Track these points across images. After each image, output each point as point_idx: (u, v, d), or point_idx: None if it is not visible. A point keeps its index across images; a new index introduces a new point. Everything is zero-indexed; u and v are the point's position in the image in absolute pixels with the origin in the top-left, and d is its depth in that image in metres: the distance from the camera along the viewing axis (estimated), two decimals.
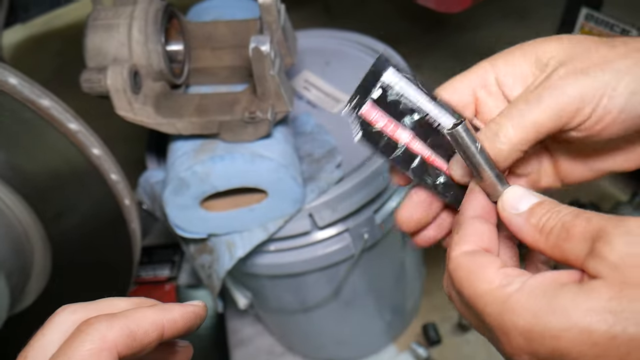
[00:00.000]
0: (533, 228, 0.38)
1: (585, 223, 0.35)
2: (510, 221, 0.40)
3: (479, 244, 0.40)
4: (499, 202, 0.41)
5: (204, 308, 0.46)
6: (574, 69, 0.40)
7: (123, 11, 0.81)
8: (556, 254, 0.37)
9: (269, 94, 0.81)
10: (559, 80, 0.40)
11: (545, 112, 0.40)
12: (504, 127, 0.41)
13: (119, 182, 0.81)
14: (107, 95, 0.79)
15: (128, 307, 0.44)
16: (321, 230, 0.96)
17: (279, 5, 0.85)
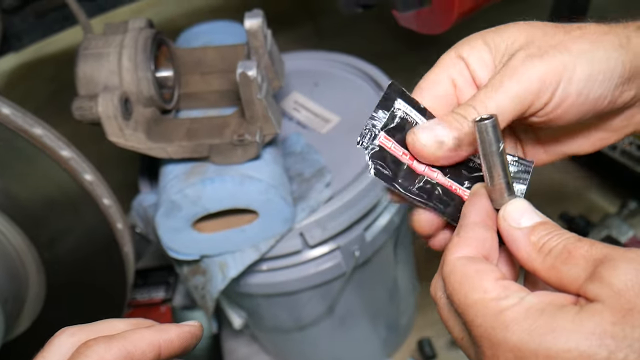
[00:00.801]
0: (532, 245, 0.37)
1: (589, 247, 0.34)
2: (508, 233, 0.39)
3: (479, 251, 0.39)
4: (501, 211, 0.40)
5: (200, 328, 0.47)
6: (532, 53, 0.40)
7: (113, 40, 0.83)
8: (551, 276, 0.36)
9: (257, 117, 0.83)
10: (519, 65, 0.40)
11: (508, 96, 0.40)
12: (469, 113, 0.41)
13: (111, 206, 0.82)
14: (98, 122, 0.80)
15: (126, 328, 0.45)
16: (312, 249, 0.97)
17: (265, 30, 0.87)
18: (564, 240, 0.36)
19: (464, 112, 0.41)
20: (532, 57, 0.40)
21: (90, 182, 0.80)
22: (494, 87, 0.40)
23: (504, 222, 0.39)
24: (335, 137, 1.05)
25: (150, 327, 0.45)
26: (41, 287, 0.85)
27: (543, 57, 0.40)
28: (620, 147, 1.29)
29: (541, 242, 0.37)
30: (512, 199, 0.40)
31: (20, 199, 0.81)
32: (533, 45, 0.41)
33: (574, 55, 0.40)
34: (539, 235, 0.37)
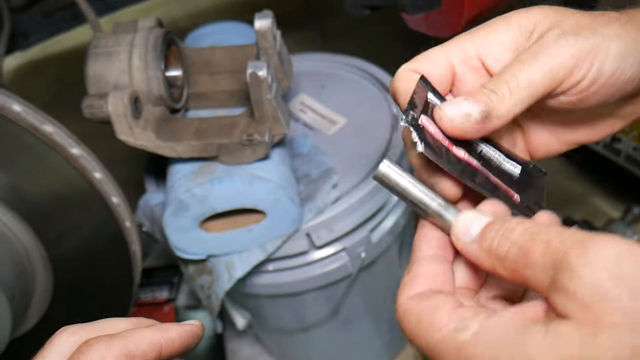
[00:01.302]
0: (487, 253, 0.35)
1: (544, 248, 0.31)
2: (465, 251, 0.37)
3: (431, 286, 0.37)
4: (451, 232, 0.38)
5: (201, 327, 0.48)
6: (565, 31, 0.40)
7: (123, 39, 0.84)
8: (517, 280, 0.33)
9: (267, 117, 0.83)
10: (552, 42, 0.39)
11: (541, 70, 0.39)
12: (499, 86, 0.39)
13: (120, 204, 0.83)
14: (108, 120, 0.81)
15: (127, 328, 0.45)
16: (318, 250, 0.97)
17: (275, 31, 0.88)
18: (516, 239, 0.33)
19: (493, 86, 0.40)
20: (567, 35, 0.39)
21: (100, 180, 0.80)
22: (526, 62, 0.39)
23: (458, 242, 0.38)
24: (342, 139, 1.05)
25: (152, 326, 0.45)
26: (48, 284, 0.85)
27: (576, 35, 0.39)
28: (624, 153, 1.29)
29: (493, 246, 0.34)
30: (457, 216, 0.39)
31: (29, 195, 0.81)
32: (564, 25, 0.40)
33: (606, 37, 0.39)
34: (489, 240, 0.35)
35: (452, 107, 0.40)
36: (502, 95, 0.39)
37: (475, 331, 0.32)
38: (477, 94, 0.40)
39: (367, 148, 1.02)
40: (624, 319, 0.28)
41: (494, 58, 0.42)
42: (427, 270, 0.38)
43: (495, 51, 0.42)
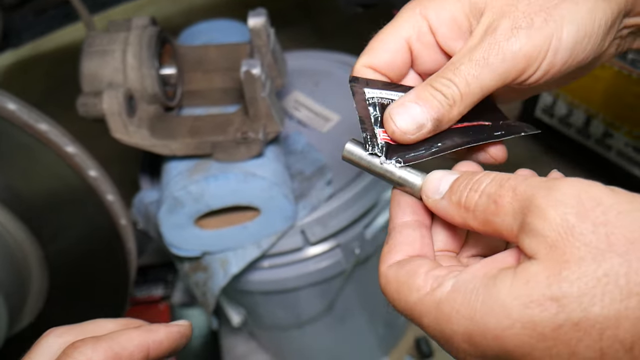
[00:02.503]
0: (456, 207, 0.35)
1: (512, 193, 0.32)
2: (436, 208, 0.37)
3: (409, 253, 0.37)
4: (421, 192, 0.38)
5: (189, 327, 0.47)
6: (518, 24, 0.39)
7: (117, 37, 0.84)
8: (488, 230, 0.34)
9: (261, 115, 0.83)
10: (504, 38, 0.39)
11: (493, 73, 0.39)
12: (451, 89, 0.39)
13: (114, 202, 0.83)
14: (102, 118, 0.81)
15: (115, 329, 0.45)
16: (313, 246, 0.98)
17: (268, 29, 0.88)
18: (484, 189, 0.34)
19: (444, 88, 0.39)
20: (519, 29, 0.39)
21: (95, 178, 0.81)
22: (478, 64, 0.39)
23: (428, 200, 0.37)
24: (335, 136, 1.06)
25: (139, 327, 0.45)
26: (44, 282, 0.85)
27: (529, 29, 0.38)
28: (616, 148, 1.30)
29: (463, 199, 0.35)
30: (424, 177, 0.39)
31: (24, 194, 0.81)
32: (518, 10, 0.39)
33: (559, 22, 0.38)
34: (459, 193, 0.35)
35: (402, 118, 0.39)
36: (453, 101, 0.39)
37: (450, 288, 0.32)
38: (427, 96, 0.39)
39: None
40: (588, 251, 0.28)
41: (443, 35, 0.42)
42: (404, 238, 0.38)
43: (445, 28, 0.42)
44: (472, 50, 0.39)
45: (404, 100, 0.40)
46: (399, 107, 0.40)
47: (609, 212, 0.29)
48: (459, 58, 0.40)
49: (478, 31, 0.40)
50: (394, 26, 0.43)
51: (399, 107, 0.40)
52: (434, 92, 0.39)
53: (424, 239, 0.38)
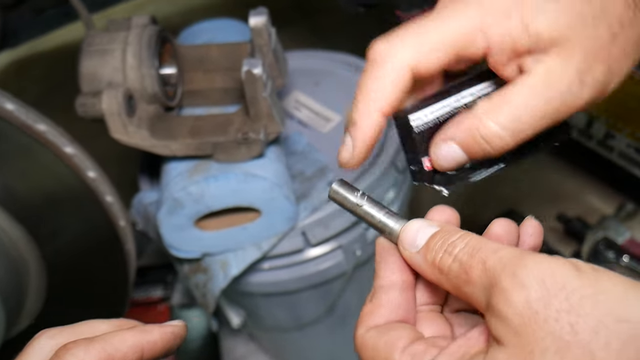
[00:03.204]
0: (431, 267, 0.35)
1: (482, 266, 0.32)
2: (411, 262, 0.37)
3: (391, 318, 0.37)
4: (398, 241, 0.38)
5: (184, 328, 0.46)
6: (582, 78, 0.39)
7: (117, 36, 0.83)
8: (460, 296, 0.34)
9: (261, 115, 0.83)
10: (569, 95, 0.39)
11: (545, 123, 0.40)
12: (502, 141, 0.40)
13: (114, 203, 0.82)
14: (101, 119, 0.80)
15: (108, 330, 0.44)
16: (314, 248, 0.97)
17: (269, 28, 0.87)
18: (457, 255, 0.33)
19: (492, 139, 0.40)
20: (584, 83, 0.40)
21: (94, 179, 0.80)
22: (535, 117, 0.40)
23: (405, 252, 0.37)
24: (336, 136, 1.05)
25: (133, 328, 0.44)
26: (42, 284, 0.84)
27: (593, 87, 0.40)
28: (617, 149, 1.30)
29: (437, 260, 0.35)
30: (403, 225, 0.39)
31: (22, 194, 0.80)
32: (580, 62, 0.40)
33: (616, 74, 0.41)
34: (433, 252, 0.35)
35: (445, 159, 0.41)
36: (500, 151, 0.40)
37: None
38: (473, 146, 0.40)
39: None
40: (552, 342, 0.28)
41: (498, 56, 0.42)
42: (389, 301, 0.37)
43: (501, 51, 0.41)
44: (531, 97, 0.39)
45: (447, 138, 0.41)
46: (441, 146, 0.41)
47: (572, 297, 0.28)
48: (518, 105, 0.39)
49: (538, 73, 0.39)
50: (394, 57, 0.41)
51: (441, 146, 0.41)
52: (481, 143, 0.40)
53: (409, 304, 0.38)
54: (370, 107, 0.40)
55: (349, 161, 0.41)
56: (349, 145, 0.41)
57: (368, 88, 0.40)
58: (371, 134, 0.41)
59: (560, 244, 1.40)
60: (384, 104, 0.40)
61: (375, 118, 0.40)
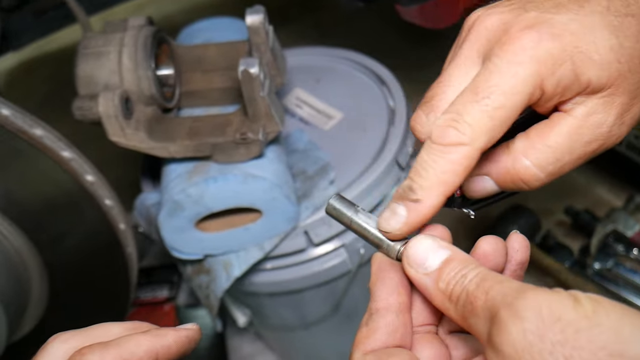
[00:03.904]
0: (442, 294, 0.35)
1: (484, 297, 0.32)
2: (419, 283, 0.36)
3: (389, 342, 0.37)
4: (403, 257, 0.37)
5: (198, 331, 0.46)
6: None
7: (113, 38, 0.82)
8: (465, 326, 0.34)
9: (260, 115, 0.82)
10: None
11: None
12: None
13: (113, 207, 0.82)
14: (99, 121, 0.80)
15: (122, 333, 0.43)
16: (317, 247, 0.96)
17: (267, 26, 0.86)
18: (466, 285, 0.33)
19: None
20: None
21: (92, 183, 0.79)
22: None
23: (411, 270, 0.37)
24: (338, 134, 1.04)
25: (147, 332, 0.43)
26: (44, 289, 0.84)
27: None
28: (626, 141, 1.28)
29: (449, 289, 0.34)
30: (409, 241, 0.38)
31: (21, 200, 0.80)
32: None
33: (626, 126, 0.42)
34: (446, 281, 0.35)
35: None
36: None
37: None
38: (505, 177, 0.40)
39: (364, 142, 1.00)
40: None
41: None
42: (386, 325, 0.37)
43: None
44: (571, 139, 0.40)
45: (482, 173, 0.41)
46: (476, 180, 0.41)
47: (567, 330, 0.28)
48: (557, 147, 0.40)
49: (580, 115, 0.39)
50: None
51: (476, 180, 0.41)
52: (517, 181, 0.41)
53: (406, 328, 0.38)
54: (440, 190, 0.38)
55: (396, 232, 0.39)
56: (401, 217, 0.38)
57: (441, 168, 0.38)
58: (431, 215, 0.39)
59: (568, 237, 1.38)
60: (452, 189, 0.38)
61: (440, 201, 0.38)
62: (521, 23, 0.38)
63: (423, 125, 0.42)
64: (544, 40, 0.37)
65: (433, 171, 0.38)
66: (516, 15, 0.39)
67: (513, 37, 0.38)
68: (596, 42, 0.38)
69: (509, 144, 0.40)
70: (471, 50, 0.41)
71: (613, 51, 0.38)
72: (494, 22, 0.40)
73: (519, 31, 0.38)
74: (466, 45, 0.41)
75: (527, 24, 0.38)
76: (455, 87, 0.41)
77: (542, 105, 0.40)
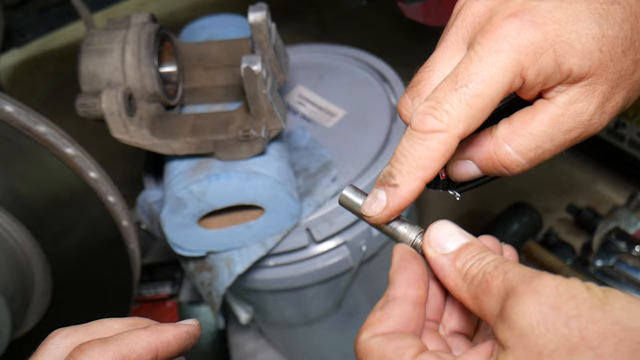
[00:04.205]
0: (457, 272, 0.36)
1: (502, 276, 0.33)
2: (435, 262, 0.38)
3: (400, 328, 0.37)
4: (424, 238, 0.39)
5: (198, 327, 0.46)
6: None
7: (116, 35, 0.82)
8: (475, 306, 0.35)
9: (262, 112, 0.82)
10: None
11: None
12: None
13: (116, 204, 0.82)
14: (102, 118, 0.80)
15: (122, 329, 0.44)
16: (319, 244, 0.97)
17: (269, 24, 0.86)
18: (484, 266, 0.35)
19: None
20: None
21: (95, 180, 0.80)
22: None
23: (430, 249, 0.38)
24: (340, 131, 1.04)
25: (147, 328, 0.43)
26: (47, 285, 0.85)
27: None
28: (628, 138, 1.27)
29: (465, 268, 0.36)
30: (418, 231, 0.40)
31: (25, 196, 0.80)
32: None
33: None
34: (463, 261, 0.36)
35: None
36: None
37: None
38: (487, 162, 0.41)
39: (367, 140, 1.00)
40: (560, 344, 0.29)
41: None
42: (401, 314, 0.37)
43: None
44: (552, 127, 0.41)
45: (465, 157, 0.43)
46: (459, 164, 0.43)
47: (581, 306, 0.30)
48: (539, 134, 0.41)
49: (561, 103, 0.40)
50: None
51: (459, 164, 0.43)
52: (498, 166, 0.42)
53: (419, 319, 0.38)
54: (417, 175, 0.39)
55: (377, 216, 0.40)
56: (382, 202, 0.40)
57: (419, 154, 0.39)
58: (410, 199, 0.40)
59: (570, 235, 1.38)
60: (430, 174, 0.39)
61: (418, 185, 0.39)
62: (505, 11, 0.39)
63: (408, 109, 0.43)
64: (526, 29, 0.38)
65: (411, 157, 0.39)
66: (502, 2, 0.40)
67: (495, 25, 0.38)
68: (578, 31, 0.38)
69: (492, 129, 0.41)
70: (457, 35, 0.42)
71: (595, 40, 0.38)
72: (479, 8, 0.41)
73: (502, 19, 0.38)
74: (452, 31, 0.42)
75: (511, 12, 0.38)
76: (439, 73, 0.42)
77: (524, 93, 0.40)
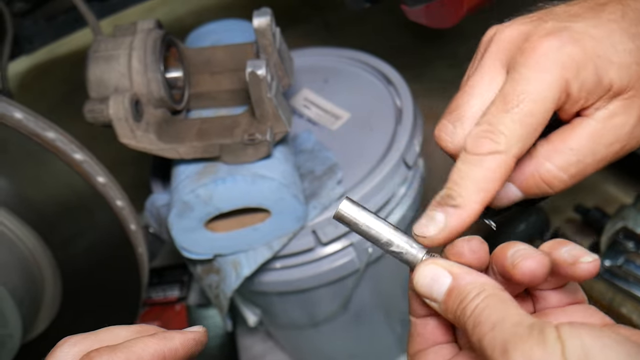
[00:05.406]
0: (453, 319, 0.37)
1: (479, 345, 0.34)
2: (431, 306, 0.39)
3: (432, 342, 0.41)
4: (413, 279, 0.39)
5: (205, 334, 0.47)
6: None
7: (122, 42, 0.83)
8: (476, 348, 0.35)
9: (268, 116, 0.83)
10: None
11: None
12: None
13: (124, 208, 0.83)
14: (110, 124, 0.81)
15: (129, 336, 0.44)
16: (325, 246, 0.97)
17: (274, 28, 0.87)
18: (466, 322, 0.35)
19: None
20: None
21: (104, 185, 0.81)
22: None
23: (422, 296, 0.39)
24: (346, 134, 1.05)
25: (154, 335, 0.44)
26: (57, 289, 0.86)
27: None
28: None
29: (457, 317, 0.36)
30: (421, 260, 0.40)
31: (34, 201, 0.82)
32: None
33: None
34: (452, 312, 0.37)
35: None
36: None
37: None
38: (529, 183, 0.42)
39: (372, 142, 1.01)
40: None
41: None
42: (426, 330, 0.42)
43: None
44: (592, 142, 0.41)
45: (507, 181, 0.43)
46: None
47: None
48: (579, 149, 0.41)
49: (601, 118, 0.41)
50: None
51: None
52: (541, 185, 0.42)
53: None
54: (479, 197, 0.39)
55: (434, 238, 0.40)
56: (440, 223, 0.40)
57: (478, 177, 0.39)
58: (469, 222, 0.40)
59: (578, 235, 1.37)
60: (490, 196, 0.39)
61: (479, 207, 0.39)
62: (541, 32, 0.40)
63: (449, 134, 0.43)
64: (566, 45, 0.39)
65: (470, 180, 0.39)
66: (535, 26, 0.40)
67: (535, 44, 0.39)
68: (615, 46, 0.39)
69: (531, 150, 0.41)
70: (494, 60, 0.42)
71: (632, 54, 0.39)
72: (513, 32, 0.41)
73: (540, 39, 0.39)
74: (488, 56, 0.42)
75: (548, 32, 0.39)
76: (479, 97, 0.42)
77: (567, 110, 0.40)
